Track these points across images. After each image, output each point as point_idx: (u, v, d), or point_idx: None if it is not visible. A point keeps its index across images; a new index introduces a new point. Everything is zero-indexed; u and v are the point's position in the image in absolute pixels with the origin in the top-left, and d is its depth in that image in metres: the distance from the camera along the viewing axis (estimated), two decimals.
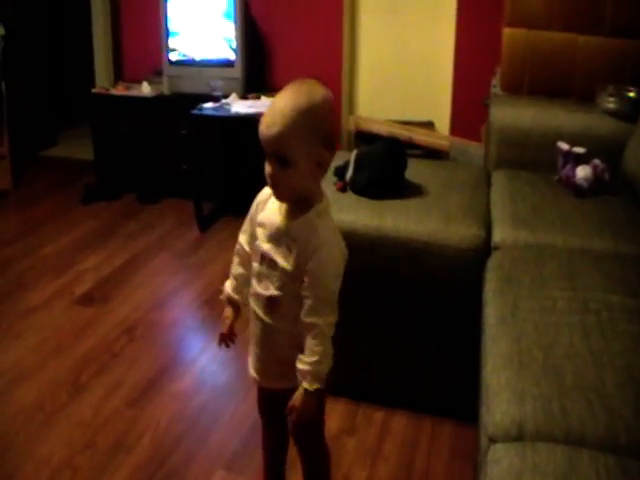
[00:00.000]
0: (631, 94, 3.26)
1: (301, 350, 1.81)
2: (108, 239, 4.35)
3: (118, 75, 5.59)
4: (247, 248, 1.94)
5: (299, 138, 1.68)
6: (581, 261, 2.34)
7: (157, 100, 4.90)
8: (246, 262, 1.95)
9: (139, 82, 5.01)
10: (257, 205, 1.91)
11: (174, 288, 3.79)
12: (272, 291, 1.83)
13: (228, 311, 2.04)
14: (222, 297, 2.06)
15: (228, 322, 2.03)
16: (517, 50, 3.62)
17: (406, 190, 2.82)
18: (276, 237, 1.81)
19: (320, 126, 1.71)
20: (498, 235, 2.58)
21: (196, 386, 2.92)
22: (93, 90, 5.17)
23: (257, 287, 1.87)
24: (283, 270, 1.79)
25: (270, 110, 1.71)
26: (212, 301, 3.57)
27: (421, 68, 4.85)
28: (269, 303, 1.85)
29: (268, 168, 1.74)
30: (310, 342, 1.77)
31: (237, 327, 2.04)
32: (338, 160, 2.95)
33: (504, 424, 1.62)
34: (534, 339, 1.90)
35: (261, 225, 1.86)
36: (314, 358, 1.76)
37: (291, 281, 1.79)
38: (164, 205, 4.91)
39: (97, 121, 5.11)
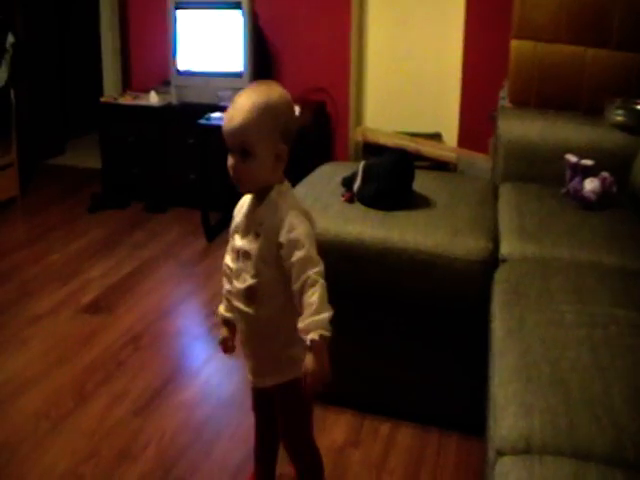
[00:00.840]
0: (639, 107, 3.26)
1: (286, 341, 1.90)
2: (115, 248, 4.35)
3: (126, 84, 5.62)
4: (232, 265, 1.98)
5: (258, 131, 1.80)
6: (589, 275, 2.33)
7: (165, 110, 4.91)
8: (232, 279, 1.99)
9: (147, 92, 5.03)
10: (234, 216, 2.03)
11: (180, 297, 3.79)
12: (249, 281, 1.89)
13: (224, 331, 2.10)
14: (217, 319, 2.14)
15: (226, 342, 2.10)
16: (525, 63, 3.62)
17: (414, 202, 2.82)
18: (246, 228, 1.93)
19: (278, 121, 1.83)
20: (505, 248, 2.57)
21: (201, 396, 2.92)
22: (101, 99, 5.20)
23: (236, 283, 1.94)
24: (256, 256, 1.87)
25: (232, 106, 1.84)
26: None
27: (429, 80, 4.86)
28: (247, 293, 1.91)
29: (230, 161, 1.85)
30: (304, 297, 1.79)
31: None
32: (346, 171, 2.96)
33: (511, 437, 1.61)
34: (541, 353, 1.89)
35: (235, 227, 1.98)
36: (311, 309, 1.78)
37: (264, 265, 1.87)
38: (171, 214, 4.92)
39: (105, 130, 5.12)
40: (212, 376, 3.07)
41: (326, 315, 1.79)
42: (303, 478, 2.13)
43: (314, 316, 1.77)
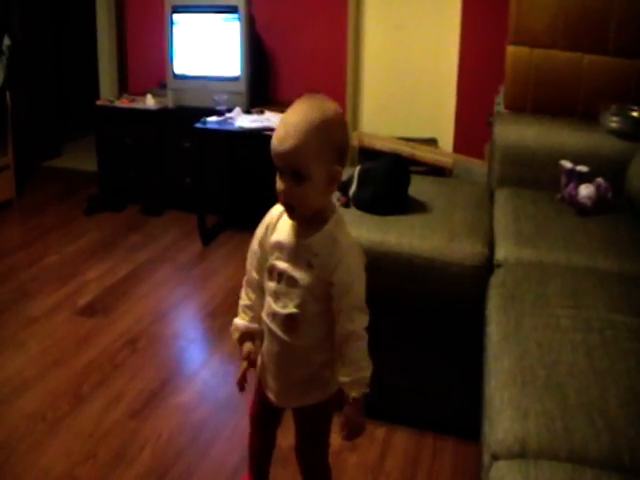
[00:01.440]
0: (634, 114, 3.28)
1: (331, 363, 1.86)
2: (111, 250, 4.36)
3: (122, 87, 5.63)
4: (257, 276, 1.92)
5: (314, 152, 1.67)
6: (585, 280, 2.34)
7: (161, 113, 4.92)
8: (256, 290, 1.93)
9: (143, 95, 5.03)
10: (267, 227, 1.88)
11: (177, 300, 3.79)
12: (291, 309, 1.80)
13: (247, 346, 1.97)
14: (236, 336, 1.99)
15: (250, 358, 1.97)
16: (521, 69, 3.64)
17: (409, 206, 2.83)
18: (294, 254, 1.79)
19: (333, 141, 1.71)
20: (501, 253, 2.58)
21: (198, 399, 2.92)
22: (97, 102, 5.21)
23: (274, 306, 1.84)
24: (304, 287, 1.78)
25: (283, 125, 1.69)
26: (214, 314, 3.59)
27: (425, 85, 4.87)
28: (288, 321, 1.82)
29: (280, 185, 1.72)
30: (349, 350, 1.78)
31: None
32: (342, 175, 2.97)
33: (507, 441, 1.62)
34: (537, 357, 1.90)
35: (277, 246, 1.83)
36: (356, 365, 1.78)
37: (311, 297, 1.79)
38: (167, 217, 4.93)
39: (101, 133, 5.13)
40: (209, 379, 3.07)
41: (369, 374, 1.80)
42: None
43: (359, 373, 1.78)
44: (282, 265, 1.81)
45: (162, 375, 3.07)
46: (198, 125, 4.40)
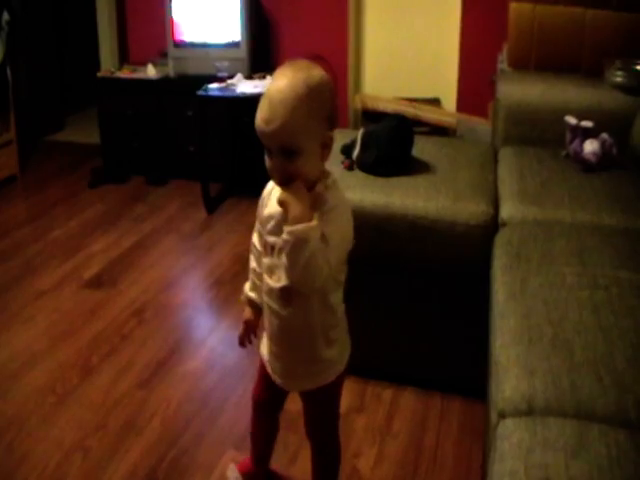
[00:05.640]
0: (639, 68, 3.23)
1: (335, 343, 1.84)
2: (116, 222, 4.35)
3: (123, 58, 5.59)
4: (259, 247, 1.89)
5: (303, 126, 1.58)
6: (590, 237, 2.32)
7: (163, 82, 4.89)
8: (258, 259, 1.90)
9: (144, 65, 5.00)
10: (262, 201, 1.83)
11: (182, 270, 3.79)
12: (284, 281, 1.73)
13: (247, 312, 2.01)
14: (242, 298, 2.02)
15: (249, 325, 2.01)
16: (524, 25, 3.59)
17: (413, 168, 2.81)
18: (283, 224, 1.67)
19: (322, 108, 1.61)
20: (506, 211, 2.56)
21: (205, 367, 2.93)
22: (99, 74, 5.17)
23: (269, 281, 1.79)
24: None
25: (268, 102, 1.59)
26: (220, 282, 3.59)
27: (427, 45, 4.83)
28: (283, 294, 1.77)
29: (270, 163, 1.64)
30: None
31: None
32: (345, 138, 2.95)
33: (514, 399, 1.62)
34: (543, 315, 1.89)
35: (268, 219, 1.76)
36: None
37: None
38: (171, 187, 4.92)
39: (103, 105, 5.10)
40: (216, 346, 3.07)
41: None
42: (320, 468, 2.11)
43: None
44: (273, 238, 1.74)
45: (170, 344, 3.07)
46: (200, 93, 4.37)
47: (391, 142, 2.78)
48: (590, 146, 2.84)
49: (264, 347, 1.98)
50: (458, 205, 2.55)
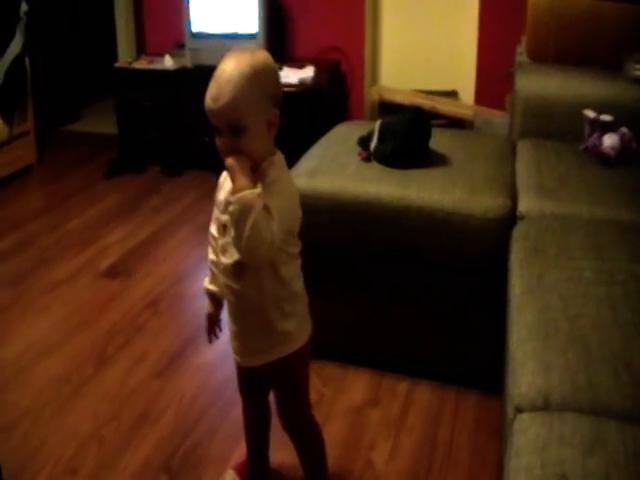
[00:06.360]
0: None
1: (294, 315, 1.87)
2: (132, 213, 4.36)
3: (141, 49, 5.59)
4: (215, 233, 1.92)
5: (249, 103, 1.68)
6: (608, 232, 2.30)
7: (179, 73, 4.88)
8: (215, 250, 1.93)
9: (162, 55, 4.99)
10: (219, 186, 1.92)
11: (198, 261, 3.78)
12: (235, 256, 1.78)
13: (209, 306, 2.05)
14: (204, 291, 2.05)
15: (211, 319, 2.05)
16: (542, 18, 3.56)
17: (430, 160, 2.79)
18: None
19: (267, 88, 1.71)
20: (524, 205, 2.54)
21: (220, 358, 2.92)
22: (116, 64, 5.17)
23: (223, 259, 1.85)
24: None
25: (215, 83, 1.71)
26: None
27: (445, 37, 4.80)
28: (235, 270, 1.82)
29: (220, 141, 1.73)
30: None
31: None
32: (362, 130, 2.94)
33: (530, 394, 1.61)
34: (560, 310, 1.88)
35: (223, 202, 1.84)
36: None
37: None
38: (187, 178, 4.92)
39: (120, 95, 5.10)
40: None
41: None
42: (306, 455, 2.11)
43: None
44: (224, 217, 1.80)
45: (184, 336, 3.08)
46: None
47: (408, 134, 2.77)
48: (609, 140, 2.81)
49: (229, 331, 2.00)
50: (475, 198, 2.53)
